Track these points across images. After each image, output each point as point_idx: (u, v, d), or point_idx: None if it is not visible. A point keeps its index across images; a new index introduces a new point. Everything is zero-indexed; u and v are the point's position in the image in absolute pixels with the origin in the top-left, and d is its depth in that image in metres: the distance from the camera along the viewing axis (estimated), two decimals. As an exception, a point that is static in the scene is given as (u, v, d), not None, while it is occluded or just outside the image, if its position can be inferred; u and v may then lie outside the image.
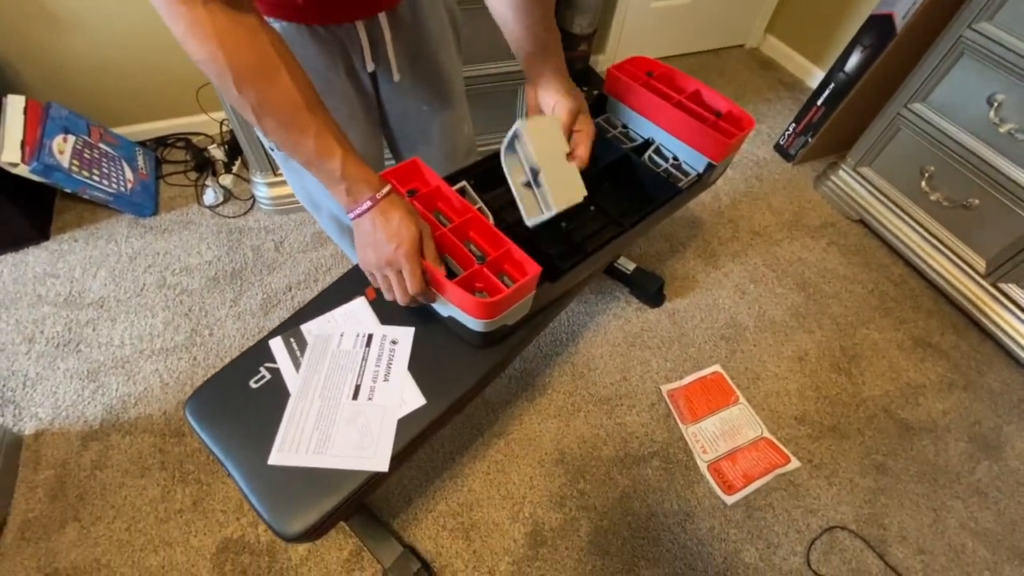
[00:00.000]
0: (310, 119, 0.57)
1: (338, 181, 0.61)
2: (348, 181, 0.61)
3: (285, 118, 0.57)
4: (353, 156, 0.61)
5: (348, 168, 0.60)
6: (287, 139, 0.58)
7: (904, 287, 1.58)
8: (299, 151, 0.59)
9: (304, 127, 0.57)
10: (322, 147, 0.59)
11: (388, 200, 0.63)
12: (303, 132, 0.58)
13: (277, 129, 0.58)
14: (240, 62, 0.52)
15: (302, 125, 0.57)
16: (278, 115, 0.57)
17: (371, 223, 0.63)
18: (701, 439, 1.24)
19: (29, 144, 1.38)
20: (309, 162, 0.61)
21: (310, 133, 0.58)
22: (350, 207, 0.64)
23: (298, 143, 0.58)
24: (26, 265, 1.45)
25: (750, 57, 2.38)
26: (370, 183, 0.62)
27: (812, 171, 1.88)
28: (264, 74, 0.54)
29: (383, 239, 0.63)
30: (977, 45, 1.26)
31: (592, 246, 0.85)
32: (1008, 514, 1.18)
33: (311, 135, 0.58)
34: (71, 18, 1.44)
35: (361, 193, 0.62)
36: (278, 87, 0.55)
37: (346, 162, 0.60)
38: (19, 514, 1.07)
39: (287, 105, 0.56)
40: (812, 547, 1.12)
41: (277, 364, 0.77)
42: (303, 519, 0.66)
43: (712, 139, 0.91)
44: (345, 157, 0.60)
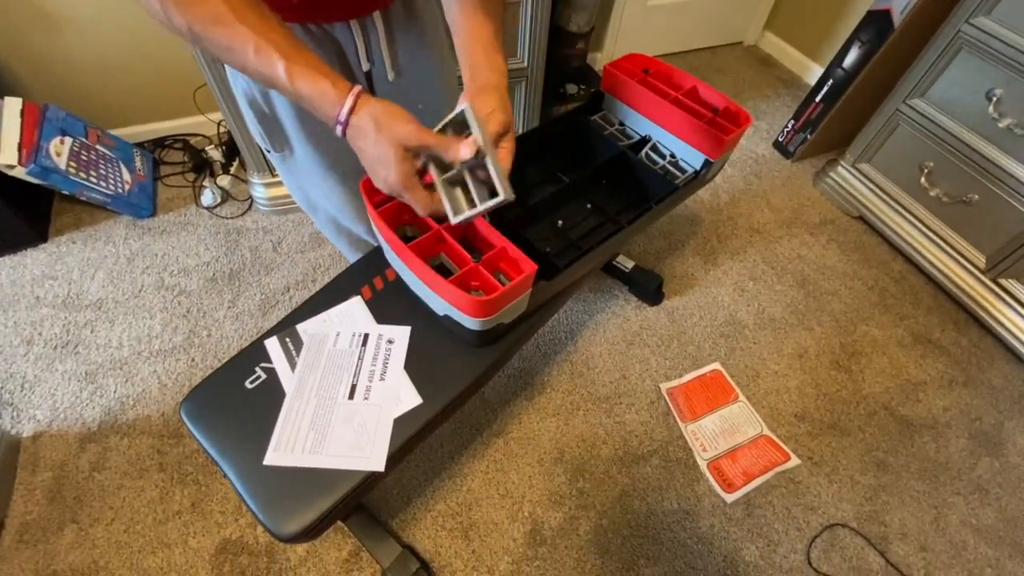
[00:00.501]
0: (245, 31, 0.52)
1: (299, 99, 0.56)
2: (306, 100, 0.56)
3: (219, 37, 0.53)
4: (300, 65, 0.54)
5: (297, 82, 0.54)
6: (234, 61, 0.55)
7: (904, 283, 1.57)
8: (248, 70, 0.55)
9: (242, 42, 0.53)
10: (263, 61, 0.53)
11: (356, 116, 0.56)
12: (242, 49, 0.53)
13: (223, 53, 0.54)
14: None
15: (240, 40, 0.53)
16: (211, 35, 0.53)
17: (357, 148, 0.58)
18: (701, 437, 1.23)
19: (26, 146, 1.38)
20: (265, 82, 0.56)
21: (248, 47, 0.53)
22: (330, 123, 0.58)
23: (243, 63, 0.54)
24: (24, 267, 1.45)
25: (748, 54, 2.37)
26: (327, 98, 0.55)
27: (811, 168, 1.88)
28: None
29: (370, 165, 0.58)
30: (975, 40, 1.26)
31: (588, 244, 0.85)
32: (1010, 510, 1.18)
33: (250, 49, 0.53)
34: (68, 20, 1.44)
35: (327, 114, 0.56)
36: (203, 4, 0.51)
37: (292, 74, 0.54)
38: (17, 516, 1.07)
39: (215, 21, 0.52)
40: (813, 545, 1.11)
41: (273, 364, 0.77)
42: (299, 519, 0.66)
43: (709, 136, 0.91)
44: (289, 68, 0.54)
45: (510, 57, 1.49)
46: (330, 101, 0.55)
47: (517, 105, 1.64)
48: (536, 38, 1.44)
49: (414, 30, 0.81)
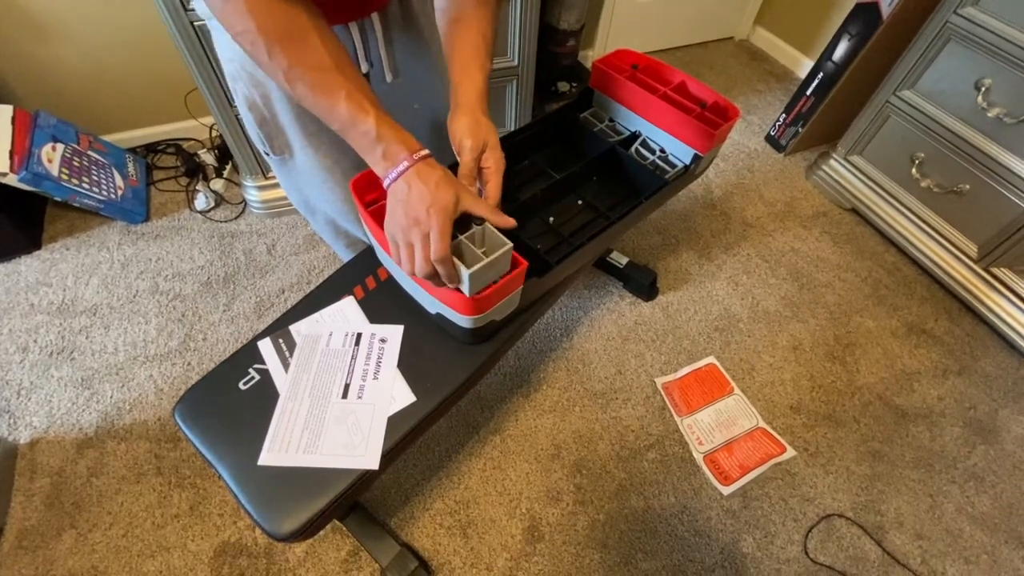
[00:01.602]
0: (340, 80, 0.57)
1: (373, 143, 0.60)
2: (384, 142, 0.59)
3: (315, 81, 0.57)
4: (387, 117, 0.60)
5: (382, 129, 0.59)
6: (319, 103, 0.58)
7: (897, 274, 1.58)
8: (333, 115, 0.59)
9: (334, 89, 0.57)
10: (354, 107, 0.58)
11: (426, 162, 0.61)
12: (334, 94, 0.57)
13: (309, 94, 0.58)
14: (270, 27, 0.54)
15: (332, 87, 0.57)
16: (308, 78, 0.57)
17: (406, 184, 0.60)
18: (697, 431, 1.24)
19: (18, 153, 1.38)
20: (343, 126, 0.60)
21: (341, 95, 0.57)
22: (387, 171, 0.61)
23: (331, 106, 0.58)
24: (18, 274, 1.45)
25: (739, 49, 2.38)
26: (407, 144, 0.60)
27: (803, 161, 1.88)
28: (292, 38, 0.55)
29: (415, 198, 0.60)
30: (963, 30, 1.26)
31: (580, 240, 0.85)
32: (1005, 498, 1.18)
33: (342, 96, 0.57)
34: (58, 26, 1.44)
35: (397, 155, 0.60)
36: (306, 50, 0.56)
37: (380, 123, 0.59)
38: (16, 523, 1.07)
39: (316, 67, 0.56)
40: (809, 535, 1.12)
41: (266, 365, 0.77)
42: (295, 518, 0.66)
43: (698, 130, 0.91)
44: (379, 117, 0.59)
45: (500, 56, 1.49)
46: (411, 146, 0.60)
47: (508, 103, 1.64)
48: (526, 36, 1.44)
49: (410, 31, 0.81)
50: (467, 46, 0.69)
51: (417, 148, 0.61)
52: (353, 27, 0.74)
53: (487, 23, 0.71)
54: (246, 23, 0.54)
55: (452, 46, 0.71)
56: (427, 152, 0.61)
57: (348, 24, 0.73)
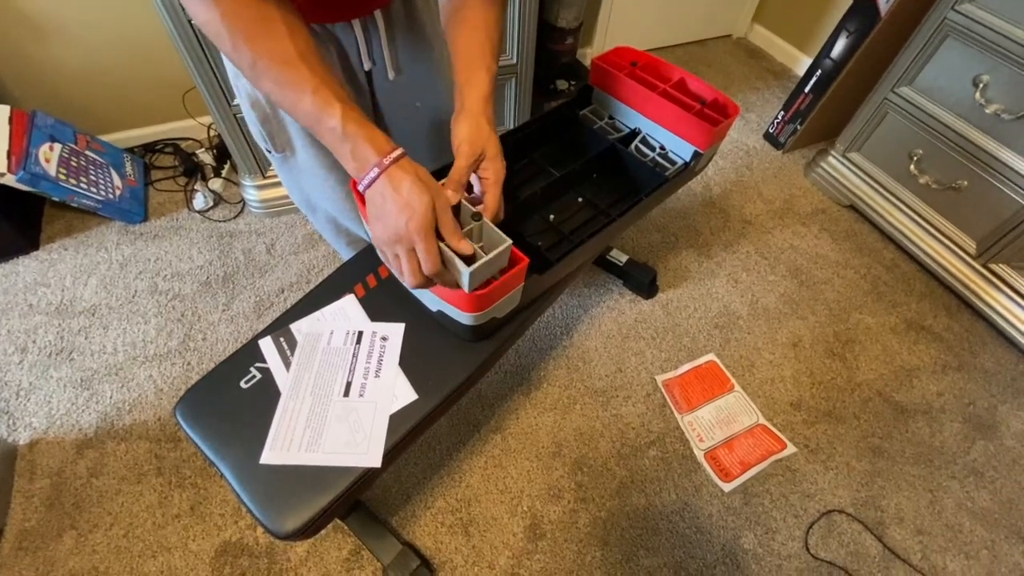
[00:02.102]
0: (307, 74, 0.55)
1: (341, 140, 0.57)
2: (351, 141, 0.57)
3: (281, 75, 0.55)
4: (355, 113, 0.57)
5: (349, 125, 0.56)
6: (285, 98, 0.56)
7: (896, 271, 1.58)
8: (299, 110, 0.57)
9: (300, 83, 0.55)
10: (320, 103, 0.55)
11: (397, 165, 0.57)
12: (300, 89, 0.55)
13: (275, 88, 0.56)
14: (235, 17, 0.52)
15: (298, 81, 0.55)
16: (273, 72, 0.55)
17: (380, 194, 0.58)
18: (697, 428, 1.24)
19: (15, 153, 1.38)
20: (310, 122, 0.58)
21: (307, 89, 0.55)
22: (359, 175, 0.59)
23: (296, 101, 0.56)
24: (16, 275, 1.44)
25: (737, 46, 2.38)
26: (375, 143, 0.57)
27: (802, 158, 1.88)
28: (258, 29, 0.53)
29: (392, 210, 0.57)
30: (961, 27, 1.27)
31: (580, 237, 0.85)
32: (1004, 493, 1.19)
33: (308, 91, 0.55)
34: (54, 26, 1.43)
35: (366, 158, 0.57)
36: (272, 42, 0.54)
37: (347, 119, 0.56)
38: (16, 524, 1.07)
39: (282, 61, 0.54)
40: (810, 531, 1.12)
41: (267, 364, 0.77)
42: (297, 517, 0.66)
43: (698, 127, 0.91)
44: (346, 113, 0.56)
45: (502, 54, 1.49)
46: (379, 147, 0.57)
47: (507, 101, 1.64)
48: (525, 34, 1.44)
49: (413, 29, 0.81)
50: (473, 47, 0.68)
51: (387, 149, 0.58)
52: (356, 24, 0.74)
53: (493, 24, 0.69)
54: (210, 11, 0.52)
55: (457, 46, 0.69)
56: (398, 153, 0.58)
57: (351, 21, 0.73)
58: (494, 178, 0.66)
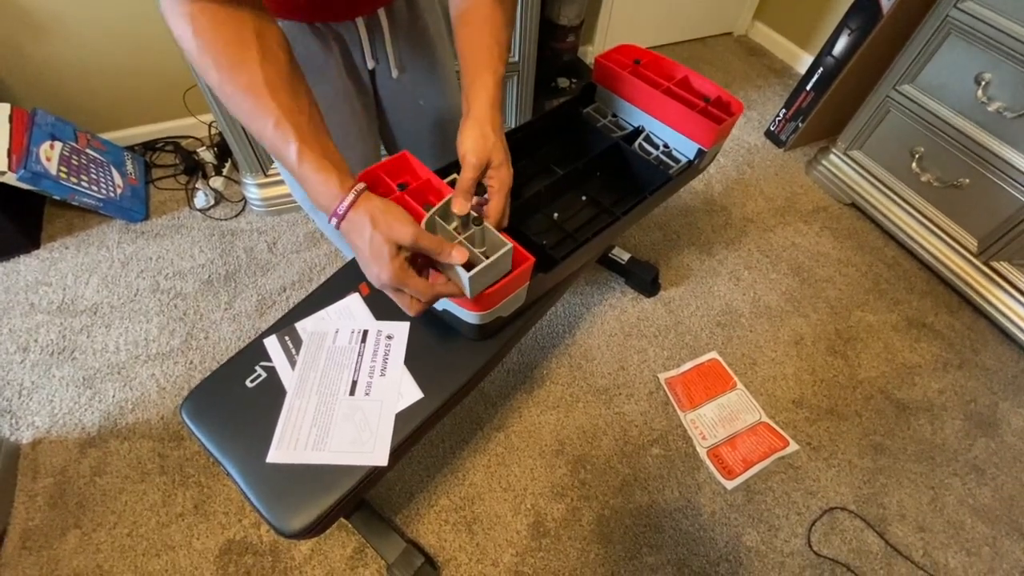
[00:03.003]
0: (272, 106, 0.53)
1: (299, 176, 0.55)
2: (304, 183, 0.55)
3: (245, 102, 0.53)
4: (312, 153, 0.54)
5: (303, 166, 0.54)
6: (250, 126, 0.55)
7: (897, 269, 1.58)
8: (263, 139, 0.55)
9: (264, 114, 0.53)
10: (280, 136, 0.53)
11: (354, 211, 0.55)
12: (263, 118, 0.53)
13: (239, 114, 0.54)
14: (207, 37, 0.50)
15: (262, 112, 0.53)
16: (237, 99, 0.53)
17: (349, 239, 0.57)
18: (700, 425, 1.24)
19: (15, 152, 1.37)
20: (274, 153, 0.56)
21: (269, 120, 0.53)
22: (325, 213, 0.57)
23: (260, 130, 0.54)
24: (17, 274, 1.44)
25: (738, 44, 2.38)
26: (327, 187, 0.55)
27: (803, 156, 1.89)
28: (231, 55, 0.51)
29: (366, 259, 0.57)
30: (964, 24, 1.26)
31: (584, 235, 0.85)
32: (1006, 489, 1.19)
33: (270, 122, 0.53)
34: (54, 24, 1.43)
35: (323, 203, 0.56)
36: (240, 68, 0.52)
37: (302, 158, 0.54)
38: (19, 523, 1.07)
39: (247, 88, 0.52)
40: (813, 529, 1.12)
41: (272, 363, 0.77)
42: (303, 516, 0.66)
43: (702, 125, 0.91)
44: (301, 151, 0.54)
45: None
46: (332, 193, 0.55)
47: (509, 100, 1.64)
48: (527, 32, 1.44)
49: (417, 26, 0.81)
50: (480, 49, 0.66)
51: (340, 195, 0.55)
52: (360, 23, 0.74)
53: (501, 25, 0.67)
54: (182, 27, 0.50)
55: (463, 48, 0.67)
56: (351, 198, 0.55)
57: (355, 20, 0.73)
58: (499, 186, 0.65)
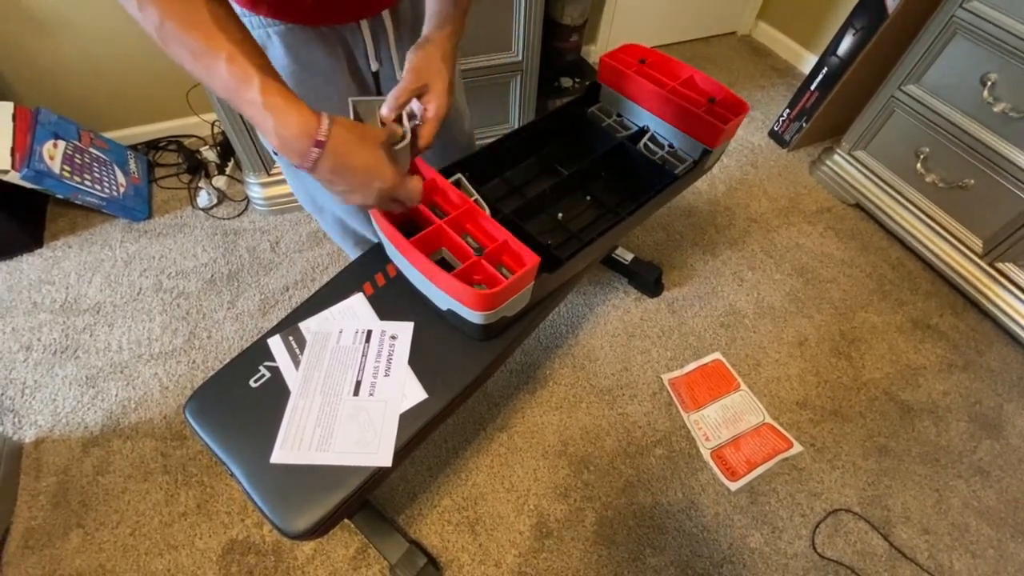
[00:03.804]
0: (223, 40, 0.49)
1: (262, 114, 0.52)
2: (273, 113, 0.52)
3: (192, 40, 0.49)
4: (276, 85, 0.52)
5: (270, 97, 0.51)
6: (197, 66, 0.51)
7: (902, 269, 1.58)
8: (213, 80, 0.51)
9: (214, 49, 0.49)
10: (237, 71, 0.50)
11: (335, 135, 0.53)
12: (214, 55, 0.49)
13: (186, 56, 0.50)
14: None
15: (213, 47, 0.49)
16: (183, 37, 0.49)
17: (332, 171, 0.55)
18: (703, 427, 1.24)
19: (19, 151, 1.37)
20: (228, 94, 0.52)
21: (222, 56, 0.49)
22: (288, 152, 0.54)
23: (210, 69, 0.50)
24: (20, 272, 1.44)
25: (742, 44, 2.37)
26: (301, 117, 0.52)
27: (807, 156, 1.88)
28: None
29: (358, 182, 0.56)
30: (969, 25, 1.26)
31: (589, 236, 0.85)
32: (1011, 492, 1.19)
33: (223, 58, 0.49)
34: (58, 23, 1.43)
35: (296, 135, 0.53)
36: (186, 7, 0.48)
37: (267, 90, 0.51)
38: (22, 522, 1.07)
39: (193, 24, 0.49)
40: (817, 530, 1.12)
41: (276, 363, 0.77)
42: (307, 516, 0.66)
43: (707, 125, 0.91)
44: (265, 84, 0.51)
45: (504, 52, 1.49)
46: (306, 119, 0.53)
47: (512, 99, 1.64)
48: (530, 31, 1.43)
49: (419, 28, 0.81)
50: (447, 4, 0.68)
51: (315, 123, 0.53)
52: (364, 25, 0.73)
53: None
54: None
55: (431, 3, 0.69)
56: (327, 123, 0.53)
57: (359, 22, 0.73)
58: (434, 113, 0.66)
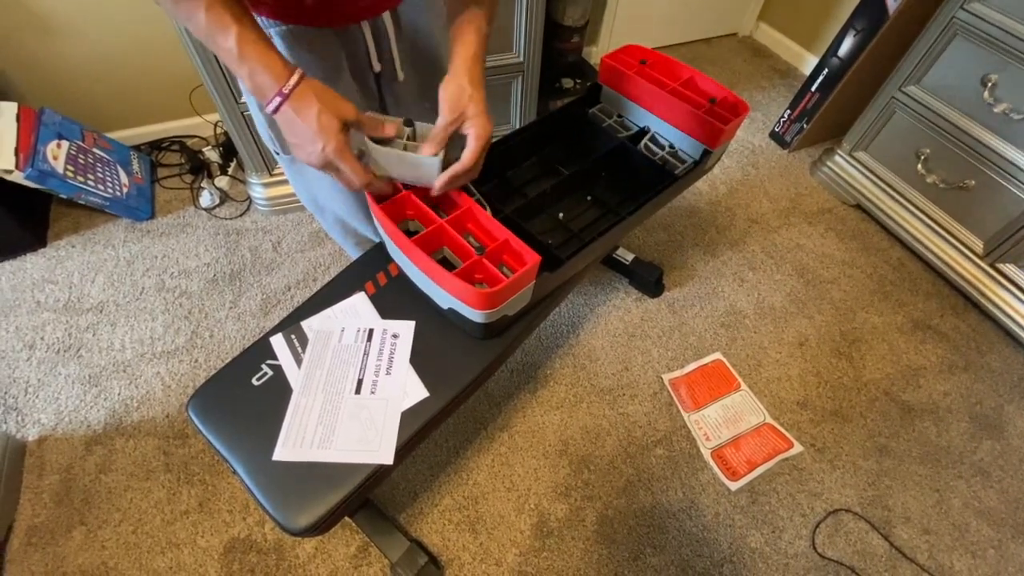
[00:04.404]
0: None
1: (238, 63, 0.55)
2: (247, 64, 0.55)
3: None
4: (253, 34, 0.55)
5: (245, 47, 0.54)
6: (179, 11, 0.54)
7: (902, 270, 1.58)
8: (193, 24, 0.54)
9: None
10: (214, 19, 0.53)
11: (300, 91, 0.57)
12: (193, 4, 0.52)
13: (169, 4, 0.53)
14: None
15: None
16: None
17: (289, 121, 0.58)
18: (704, 426, 1.24)
19: (23, 151, 1.38)
20: (206, 41, 0.56)
21: (201, 4, 0.52)
22: (260, 100, 0.58)
23: (190, 16, 0.53)
24: (24, 272, 1.45)
25: (743, 45, 2.37)
26: (272, 69, 0.56)
27: (808, 157, 1.88)
28: None
29: (306, 138, 0.58)
30: (970, 26, 1.26)
31: (590, 235, 0.85)
32: (1011, 492, 1.19)
33: (202, 6, 0.52)
34: (62, 24, 1.43)
35: (264, 84, 0.56)
36: None
37: (242, 40, 0.54)
38: (25, 520, 1.07)
39: None
40: (817, 530, 1.12)
41: (279, 361, 0.77)
42: (309, 513, 0.66)
43: (707, 125, 0.91)
44: (242, 34, 0.54)
45: (505, 52, 1.49)
46: (276, 72, 0.56)
47: (513, 100, 1.64)
48: (532, 32, 1.44)
49: (421, 30, 0.81)
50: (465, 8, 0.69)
51: (286, 74, 0.56)
52: (365, 26, 0.74)
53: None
54: None
55: (451, 8, 0.71)
56: (297, 77, 0.57)
57: (360, 23, 0.73)
58: (476, 133, 0.68)
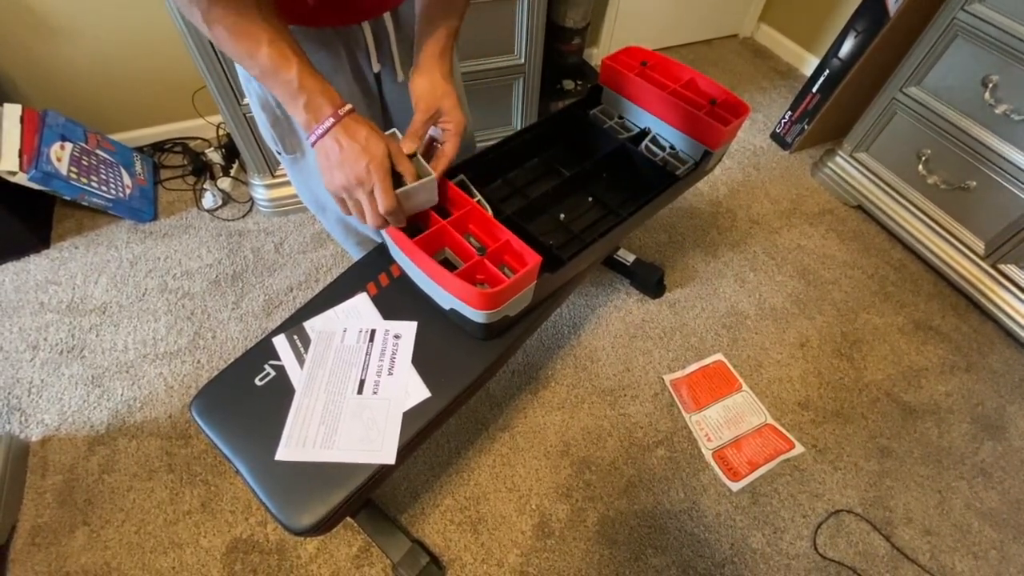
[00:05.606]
0: (263, 26, 0.55)
1: (296, 93, 0.59)
2: (306, 93, 0.59)
3: (235, 25, 0.55)
4: (310, 68, 0.59)
5: (305, 79, 0.58)
6: (238, 48, 0.57)
7: (904, 271, 1.58)
8: (253, 61, 0.57)
9: (255, 34, 0.55)
10: (276, 55, 0.56)
11: (352, 117, 0.61)
12: (256, 40, 0.56)
13: (228, 38, 0.56)
14: None
15: (254, 32, 0.55)
16: (227, 20, 0.55)
17: (335, 141, 0.61)
18: (705, 427, 1.24)
19: (27, 152, 1.39)
20: (264, 73, 0.59)
21: (263, 40, 0.56)
22: (310, 125, 0.61)
23: (251, 52, 0.56)
24: (27, 273, 1.46)
25: (743, 46, 2.38)
26: (330, 97, 0.60)
27: (809, 158, 1.88)
28: None
29: (351, 156, 0.60)
30: (970, 27, 1.26)
31: (591, 236, 0.85)
32: (1013, 493, 1.19)
33: (264, 42, 0.56)
34: (66, 26, 1.44)
35: (320, 109, 0.60)
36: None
37: (303, 73, 0.58)
38: (28, 520, 1.08)
39: (236, 9, 0.54)
40: (818, 531, 1.12)
41: (281, 361, 0.77)
42: (312, 513, 0.66)
43: (708, 127, 0.92)
44: (302, 68, 0.58)
45: (506, 54, 1.50)
46: (333, 99, 0.60)
47: (514, 101, 1.65)
48: (533, 34, 1.44)
49: None
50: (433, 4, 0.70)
51: (341, 103, 0.61)
52: (366, 26, 0.74)
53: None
54: None
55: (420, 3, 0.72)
56: (349, 107, 0.61)
57: (361, 24, 0.74)
58: (453, 128, 0.70)
